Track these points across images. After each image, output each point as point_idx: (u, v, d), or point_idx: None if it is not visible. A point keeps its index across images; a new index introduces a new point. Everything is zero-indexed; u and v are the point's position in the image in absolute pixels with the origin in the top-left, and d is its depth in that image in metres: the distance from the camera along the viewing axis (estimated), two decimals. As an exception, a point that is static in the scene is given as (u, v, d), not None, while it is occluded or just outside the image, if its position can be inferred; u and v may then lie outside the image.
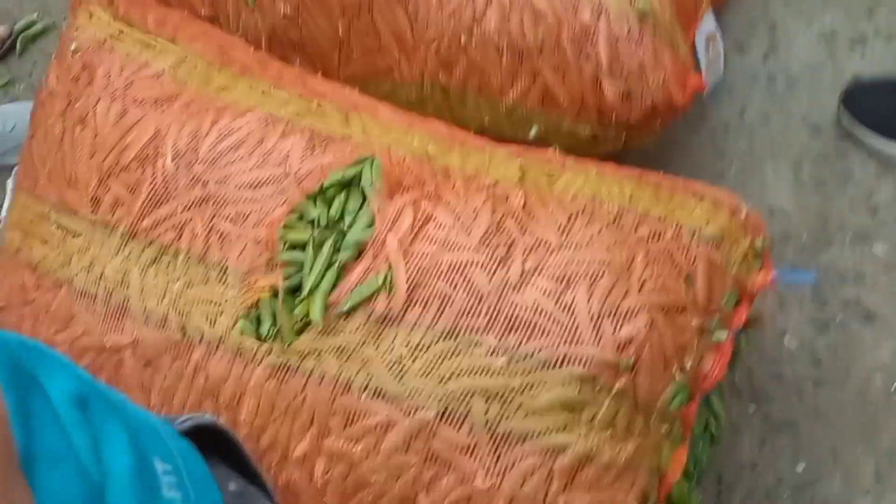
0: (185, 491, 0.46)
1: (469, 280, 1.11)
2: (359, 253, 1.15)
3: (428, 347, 1.08)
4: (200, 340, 1.15)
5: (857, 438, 1.48)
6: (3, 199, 1.81)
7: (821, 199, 1.67)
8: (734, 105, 1.79)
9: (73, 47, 1.38)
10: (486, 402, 1.05)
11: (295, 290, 1.14)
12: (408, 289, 1.11)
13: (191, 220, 1.21)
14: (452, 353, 1.07)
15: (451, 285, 1.11)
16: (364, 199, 1.19)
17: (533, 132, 1.51)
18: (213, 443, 0.58)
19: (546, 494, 1.03)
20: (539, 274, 1.11)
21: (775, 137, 1.74)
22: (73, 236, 1.26)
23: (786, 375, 1.54)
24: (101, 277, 1.22)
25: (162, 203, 1.23)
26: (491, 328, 1.08)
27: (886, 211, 1.63)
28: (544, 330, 1.08)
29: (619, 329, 1.08)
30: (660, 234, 1.17)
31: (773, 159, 1.72)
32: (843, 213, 1.65)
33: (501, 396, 1.05)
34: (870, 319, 1.56)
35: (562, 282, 1.10)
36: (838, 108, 1.71)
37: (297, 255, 1.15)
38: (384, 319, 1.10)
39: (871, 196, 1.65)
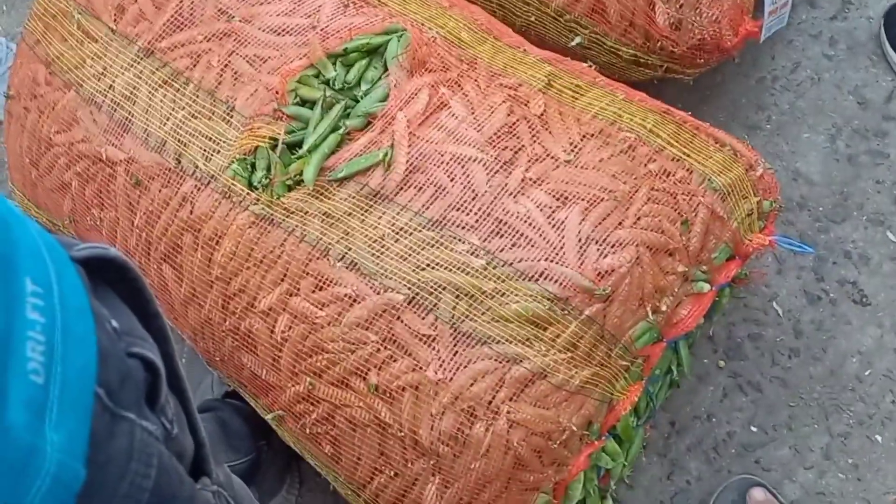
0: (52, 316, 0.44)
1: (468, 176, 1.10)
2: (366, 124, 1.14)
3: (411, 232, 1.08)
4: (192, 174, 1.15)
5: (817, 415, 1.49)
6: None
7: (848, 174, 1.63)
8: (788, 59, 1.73)
9: None
10: (456, 298, 1.05)
11: (294, 147, 1.13)
12: (406, 170, 1.10)
13: (209, 51, 1.20)
14: (434, 244, 1.07)
15: (449, 177, 1.10)
16: (385, 71, 1.17)
17: (575, 41, 1.47)
18: (119, 280, 0.57)
19: (492, 399, 1.04)
20: (538, 186, 1.10)
21: (820, 101, 1.69)
22: (92, 41, 1.25)
23: (765, 338, 1.54)
24: (110, 88, 1.22)
25: (184, 27, 1.21)
26: (477, 228, 1.07)
27: (910, 201, 1.60)
28: (530, 242, 1.07)
29: (604, 257, 1.07)
30: (669, 174, 1.15)
31: (811, 123, 1.68)
32: (866, 193, 1.62)
33: (472, 296, 1.05)
34: (862, 303, 1.55)
35: (559, 199, 1.09)
36: (880, 24, 1.71)
37: (304, 111, 1.14)
38: (375, 195, 1.10)
39: (899, 182, 1.62)
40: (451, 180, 1.09)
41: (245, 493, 0.75)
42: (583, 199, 1.09)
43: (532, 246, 1.07)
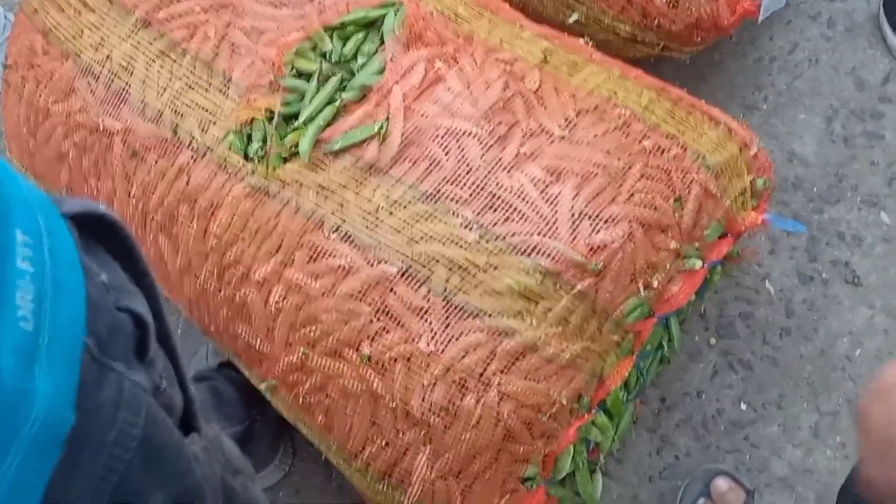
0: (41, 266, 0.45)
1: (463, 150, 1.11)
2: (362, 97, 1.14)
3: (406, 205, 1.08)
4: (189, 145, 1.16)
5: (806, 393, 1.50)
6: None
7: (843, 156, 1.64)
8: (787, 39, 1.73)
9: None
10: (449, 271, 1.06)
11: (290, 119, 1.14)
12: (401, 144, 1.11)
13: (206, 22, 1.20)
14: (428, 217, 1.08)
15: (443, 151, 1.10)
16: (381, 44, 1.17)
17: (573, 18, 1.47)
18: (110, 238, 0.57)
19: (483, 371, 1.05)
20: (532, 161, 1.10)
21: (817, 83, 1.69)
22: (89, 11, 1.25)
23: (756, 317, 1.55)
24: (107, 59, 1.22)
25: (182, -1, 1.22)
26: (471, 202, 1.08)
27: (904, 183, 1.61)
28: (523, 216, 1.08)
29: (596, 232, 1.08)
30: (664, 150, 1.15)
31: (808, 104, 1.68)
32: (861, 174, 1.63)
33: (464, 269, 1.06)
34: (854, 284, 1.56)
35: (552, 174, 1.10)
36: (879, 6, 1.70)
37: (300, 83, 1.14)
38: (370, 168, 1.11)
39: (893, 164, 1.62)
40: (446, 154, 1.10)
41: (235, 453, 0.76)
42: (576, 175, 1.10)
43: (525, 220, 1.08)
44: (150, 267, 0.60)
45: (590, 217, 1.08)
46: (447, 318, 1.06)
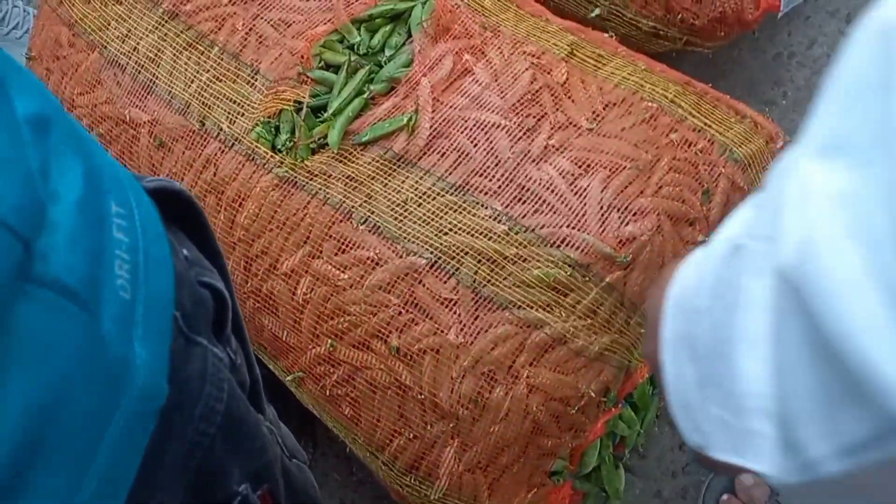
0: (135, 238, 0.45)
1: (491, 142, 1.10)
2: (390, 89, 1.14)
3: (434, 197, 1.08)
4: (216, 136, 1.16)
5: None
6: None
7: (863, 152, 1.63)
8: (806, 35, 1.73)
9: None
10: (478, 263, 1.06)
11: (318, 111, 1.14)
12: (429, 135, 1.10)
13: (234, 14, 1.20)
14: (457, 209, 1.08)
15: (472, 143, 1.10)
16: (409, 37, 1.17)
17: (595, 12, 1.47)
18: (180, 215, 0.57)
19: (512, 363, 1.05)
20: (561, 153, 1.10)
21: (837, 78, 1.69)
22: (116, 2, 1.25)
23: (777, 313, 1.55)
24: (134, 50, 1.22)
25: (209, -9, 1.21)
26: (500, 194, 1.08)
27: (925, 179, 1.60)
28: (552, 208, 1.08)
29: (625, 225, 1.08)
30: (691, 143, 1.15)
31: (827, 99, 1.68)
32: (880, 171, 1.62)
33: (493, 261, 1.05)
34: (875, 280, 1.55)
35: (581, 166, 1.10)
36: None
37: (328, 75, 1.14)
38: (399, 160, 1.10)
39: (914, 160, 1.62)
40: (475, 146, 1.10)
41: (290, 436, 0.76)
42: (605, 167, 1.10)
43: (554, 212, 1.08)
44: None
45: (618, 209, 1.08)
46: (476, 309, 1.06)
